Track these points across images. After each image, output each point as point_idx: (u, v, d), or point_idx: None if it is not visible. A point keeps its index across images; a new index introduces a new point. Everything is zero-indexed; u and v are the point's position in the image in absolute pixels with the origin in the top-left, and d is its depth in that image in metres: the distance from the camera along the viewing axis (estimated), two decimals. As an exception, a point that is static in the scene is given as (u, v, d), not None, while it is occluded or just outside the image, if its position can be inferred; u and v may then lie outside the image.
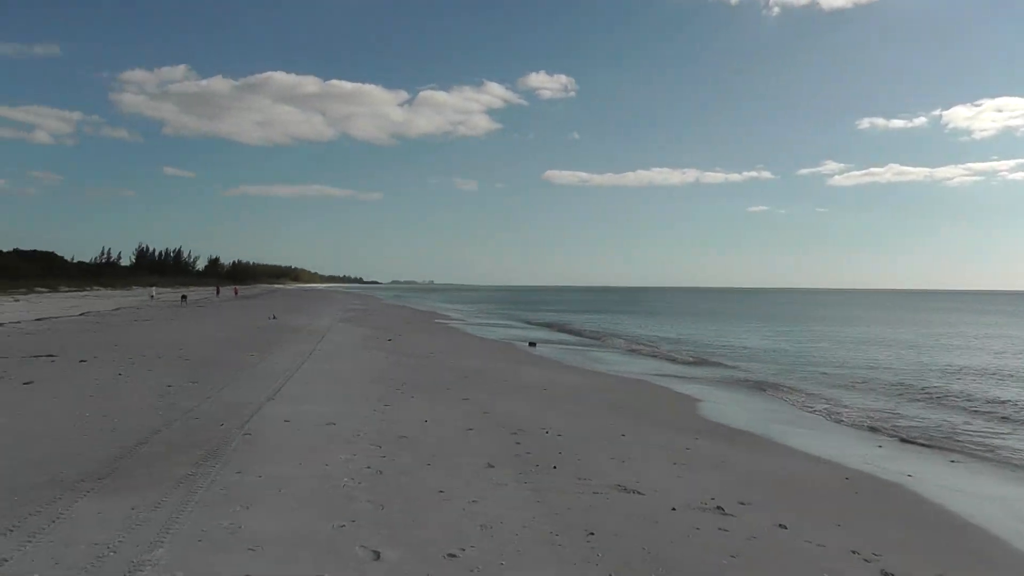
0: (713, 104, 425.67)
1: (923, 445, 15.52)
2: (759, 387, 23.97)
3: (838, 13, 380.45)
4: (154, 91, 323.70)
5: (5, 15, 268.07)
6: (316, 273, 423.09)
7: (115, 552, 7.03)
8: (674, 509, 9.13)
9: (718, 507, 9.33)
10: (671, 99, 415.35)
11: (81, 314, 50.44)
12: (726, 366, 30.75)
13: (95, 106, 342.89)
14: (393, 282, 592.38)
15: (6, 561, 6.81)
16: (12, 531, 7.55)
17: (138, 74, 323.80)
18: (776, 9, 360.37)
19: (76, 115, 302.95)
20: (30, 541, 7.28)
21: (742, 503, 9.59)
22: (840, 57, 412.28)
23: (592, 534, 8.05)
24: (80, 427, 12.84)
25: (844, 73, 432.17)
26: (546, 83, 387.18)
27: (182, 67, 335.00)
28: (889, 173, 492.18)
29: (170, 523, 7.83)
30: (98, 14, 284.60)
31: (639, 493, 9.78)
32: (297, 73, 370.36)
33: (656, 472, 11.08)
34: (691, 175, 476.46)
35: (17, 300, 70.72)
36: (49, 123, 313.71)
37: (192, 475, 9.77)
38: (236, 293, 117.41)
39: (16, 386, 17.38)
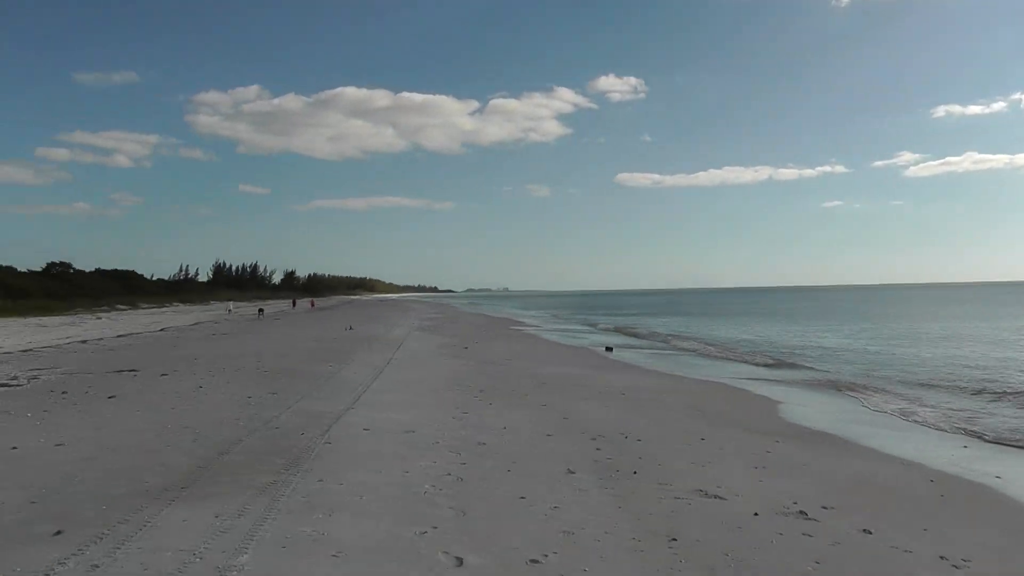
0: (784, 98, 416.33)
1: (1012, 445, 15.08)
2: (838, 388, 23.55)
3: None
4: (228, 111, 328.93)
5: (86, 47, 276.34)
6: (391, 283, 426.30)
7: (201, 559, 7.13)
8: (756, 514, 9.00)
9: (801, 512, 9.17)
10: (741, 95, 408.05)
11: (161, 329, 51.31)
12: (804, 367, 30.33)
13: (171, 129, 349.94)
14: (468, 290, 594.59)
15: (96, 567, 6.96)
16: (102, 538, 7.70)
17: (212, 96, 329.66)
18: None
19: (153, 138, 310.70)
20: (119, 548, 7.42)
21: (825, 507, 9.41)
22: (913, 43, 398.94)
23: (674, 540, 7.97)
24: (163, 438, 13.05)
25: (917, 59, 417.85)
26: (616, 86, 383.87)
27: (255, 87, 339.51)
28: (967, 162, 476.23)
29: (254, 530, 7.93)
30: (173, 41, 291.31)
31: (720, 498, 9.66)
32: (368, 87, 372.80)
33: (737, 476, 10.94)
34: (764, 172, 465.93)
35: (99, 318, 72.17)
36: (128, 147, 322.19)
37: (274, 483, 9.87)
38: (312, 305, 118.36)
39: (101, 400, 17.75)
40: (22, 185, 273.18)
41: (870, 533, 8.43)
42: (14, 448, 12.51)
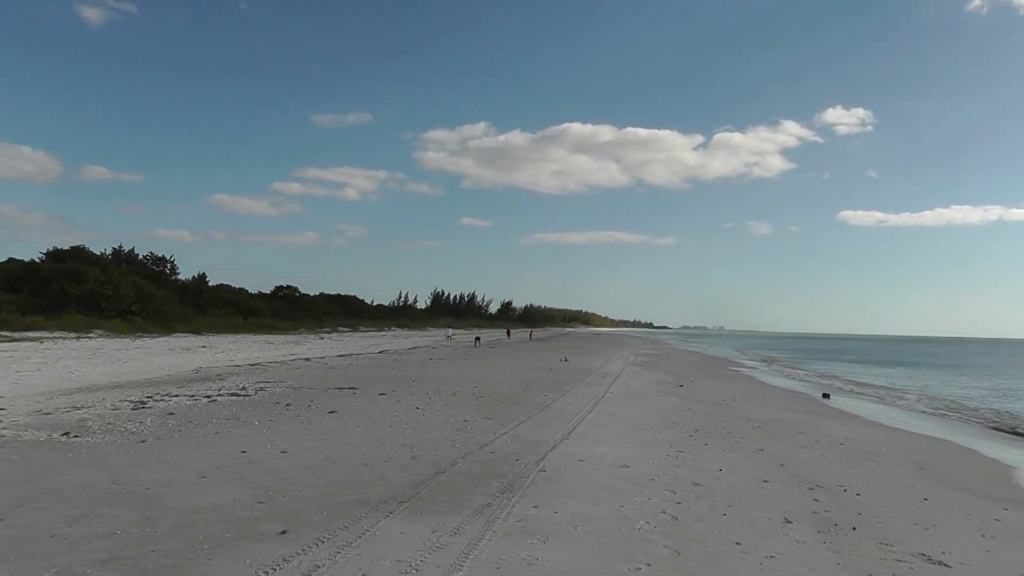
0: (1021, 130, 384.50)
1: None
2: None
3: None
4: (455, 148, 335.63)
5: (325, 91, 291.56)
6: (606, 317, 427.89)
7: (417, 571, 7.27)
8: (985, 586, 8.43)
9: (1035, 590, 8.52)
10: (975, 126, 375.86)
11: (380, 352, 52.99)
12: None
13: (399, 164, 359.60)
14: (683, 327, 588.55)
15: (318, 567, 7.26)
16: (324, 542, 8.02)
17: (440, 133, 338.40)
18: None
19: (381, 173, 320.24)
20: (339, 552, 7.70)
21: (1063, 588, 8.72)
22: None
23: (897, 605, 7.54)
24: (382, 454, 13.44)
25: None
26: (843, 118, 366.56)
27: (482, 124, 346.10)
28: None
29: (469, 549, 8.01)
30: (406, 83, 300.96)
31: (946, 565, 9.04)
32: (593, 123, 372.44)
33: (963, 543, 10.24)
34: (993, 212, 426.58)
35: (321, 338, 75.50)
36: (357, 182, 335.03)
37: (489, 505, 9.96)
38: (531, 336, 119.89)
39: (323, 414, 18.46)
40: (258, 216, 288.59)
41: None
42: (243, 452, 13.19)
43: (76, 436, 14.49)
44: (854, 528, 10.38)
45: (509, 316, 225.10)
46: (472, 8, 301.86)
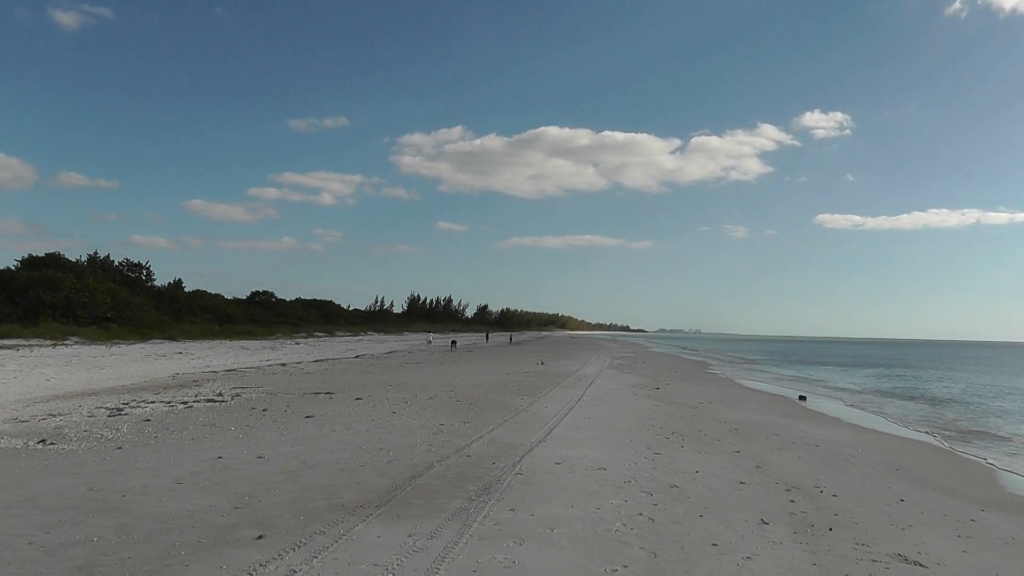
0: (999, 133, 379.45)
1: None
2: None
3: None
4: (431, 152, 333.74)
5: (301, 95, 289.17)
6: (583, 320, 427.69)
7: (394, 574, 7.25)
8: (960, 587, 8.46)
9: (1009, 591, 8.56)
10: (952, 130, 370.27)
11: (356, 356, 52.90)
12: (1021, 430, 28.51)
13: (376, 169, 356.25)
14: (660, 330, 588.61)
15: (295, 572, 7.24)
16: (300, 546, 8.00)
17: (417, 137, 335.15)
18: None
19: (358, 178, 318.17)
20: (316, 557, 7.67)
21: (1037, 588, 8.77)
22: None
23: (873, 604, 7.56)
24: (358, 458, 13.40)
25: None
26: (820, 122, 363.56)
27: (458, 128, 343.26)
28: None
29: (446, 552, 8.01)
30: (383, 87, 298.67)
31: (921, 565, 9.07)
32: (570, 127, 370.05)
33: (938, 543, 10.28)
34: (971, 216, 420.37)
35: (298, 343, 75.22)
36: (333, 186, 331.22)
37: (466, 509, 9.96)
38: (511, 340, 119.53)
39: (299, 419, 18.41)
40: (235, 221, 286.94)
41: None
42: (219, 458, 13.14)
43: (52, 443, 14.42)
44: (830, 529, 10.41)
45: (486, 320, 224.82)
46: (448, 12, 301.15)
